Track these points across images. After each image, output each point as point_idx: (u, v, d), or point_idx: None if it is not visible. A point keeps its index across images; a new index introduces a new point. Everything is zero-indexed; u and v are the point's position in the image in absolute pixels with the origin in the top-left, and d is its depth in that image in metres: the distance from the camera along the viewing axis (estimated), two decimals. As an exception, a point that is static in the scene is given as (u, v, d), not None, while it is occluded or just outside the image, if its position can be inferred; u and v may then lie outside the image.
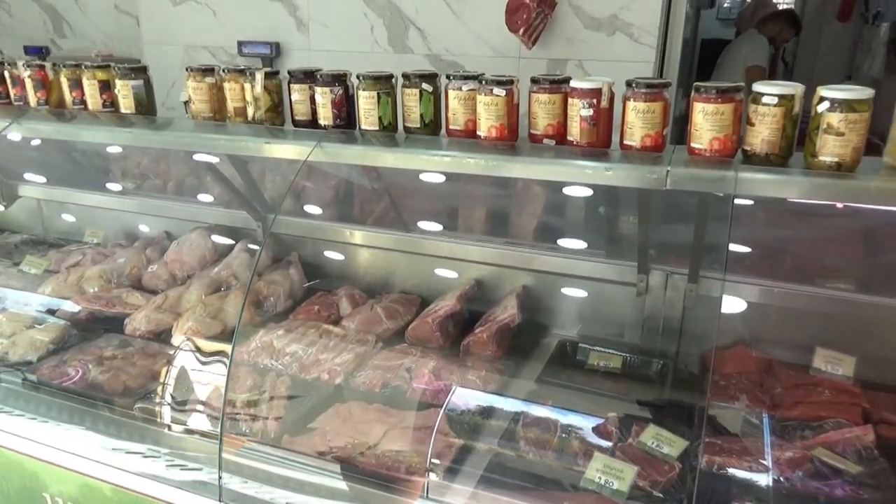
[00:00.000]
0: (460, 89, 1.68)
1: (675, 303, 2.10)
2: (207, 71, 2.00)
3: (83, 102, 2.19)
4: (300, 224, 2.75)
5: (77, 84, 2.17)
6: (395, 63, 4.10)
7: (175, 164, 3.12)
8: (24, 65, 2.23)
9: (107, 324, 2.42)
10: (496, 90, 1.59)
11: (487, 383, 1.99)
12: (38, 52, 6.57)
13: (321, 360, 2.15)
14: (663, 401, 1.95)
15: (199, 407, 1.93)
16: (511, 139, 1.66)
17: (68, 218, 3.27)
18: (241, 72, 1.95)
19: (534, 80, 1.62)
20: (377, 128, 1.77)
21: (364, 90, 1.75)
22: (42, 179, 3.18)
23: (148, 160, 3.20)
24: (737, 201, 1.46)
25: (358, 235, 2.65)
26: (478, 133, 1.68)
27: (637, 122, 1.48)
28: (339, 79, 1.81)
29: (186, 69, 2.00)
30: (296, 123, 1.95)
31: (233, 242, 2.78)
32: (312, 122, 1.93)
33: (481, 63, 3.86)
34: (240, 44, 4.42)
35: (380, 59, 4.13)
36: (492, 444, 1.73)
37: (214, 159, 2.50)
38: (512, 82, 1.61)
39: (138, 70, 2.09)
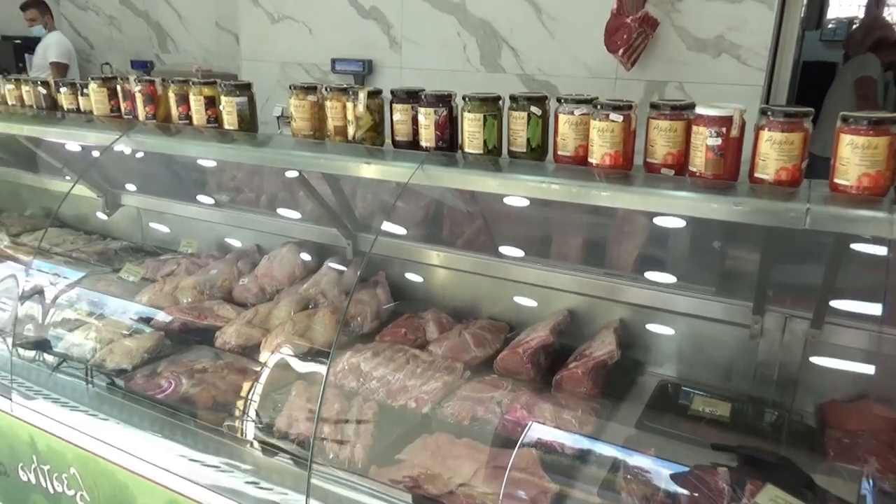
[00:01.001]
0: (572, 113, 1.59)
1: (793, 348, 1.92)
2: (310, 89, 1.99)
3: (189, 117, 2.23)
4: (388, 243, 2.72)
5: (184, 99, 2.21)
6: (486, 82, 4.05)
7: (268, 179, 3.16)
8: (135, 80, 2.30)
9: (198, 335, 2.44)
10: (612, 115, 1.50)
11: (584, 424, 1.87)
12: (143, 67, 6.93)
13: (409, 387, 2.09)
14: (779, 457, 1.78)
15: (287, 427, 1.90)
16: (625, 167, 1.56)
17: (165, 227, 3.37)
18: (344, 90, 1.93)
19: (654, 106, 1.51)
20: (481, 151, 1.70)
21: (470, 112, 1.69)
22: (143, 189, 3.28)
23: (243, 174, 3.25)
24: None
25: (446, 257, 2.59)
26: (589, 160, 1.58)
27: (772, 153, 1.35)
28: (443, 100, 1.75)
29: (290, 87, 2.00)
30: (396, 144, 1.91)
31: (320, 259, 2.78)
32: (413, 143, 1.88)
33: (575, 84, 3.76)
34: (333, 61, 4.49)
35: (471, 78, 4.10)
36: (590, 493, 1.61)
37: (308, 175, 2.51)
38: (630, 107, 1.51)
39: (243, 87, 2.11)
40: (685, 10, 3.42)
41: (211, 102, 2.15)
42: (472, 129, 1.69)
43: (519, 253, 2.48)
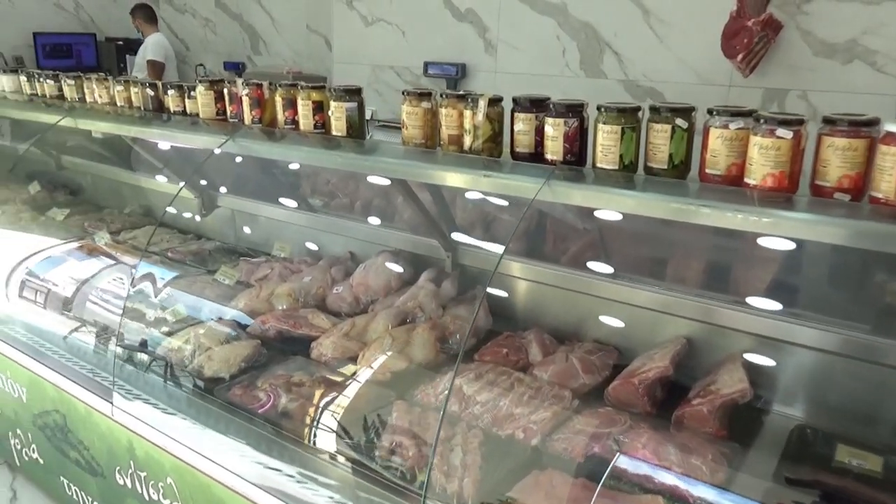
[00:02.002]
0: (726, 127, 1.41)
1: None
2: (424, 95, 1.88)
3: (295, 122, 2.17)
4: (486, 256, 2.59)
5: (291, 104, 2.15)
6: (586, 88, 3.87)
7: (364, 184, 3.08)
8: (242, 83, 2.25)
9: (293, 344, 2.38)
10: (780, 131, 1.31)
11: (715, 473, 1.68)
12: (235, 68, 7.07)
13: (515, 415, 1.95)
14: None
15: (390, 452, 1.80)
16: (790, 190, 1.37)
17: (258, 229, 3.35)
18: (462, 97, 1.81)
19: (828, 121, 1.32)
20: (616, 167, 1.55)
21: (605, 123, 1.54)
22: (237, 191, 3.28)
23: (337, 178, 3.20)
24: None
25: (549, 274, 2.43)
26: (746, 180, 1.40)
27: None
28: (574, 109, 1.61)
29: (403, 93, 1.89)
30: (515, 156, 1.77)
31: (415, 270, 2.68)
32: (535, 156, 1.74)
33: (684, 91, 3.53)
34: (426, 64, 4.41)
35: (569, 84, 3.93)
36: (730, 555, 1.43)
37: (410, 182, 2.41)
38: (801, 122, 1.32)
39: (352, 92, 2.03)
40: (813, 12, 3.15)
41: (319, 107, 2.08)
42: (607, 143, 1.54)
43: (632, 273, 2.30)
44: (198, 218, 3.40)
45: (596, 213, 2.25)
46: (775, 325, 1.99)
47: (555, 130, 1.62)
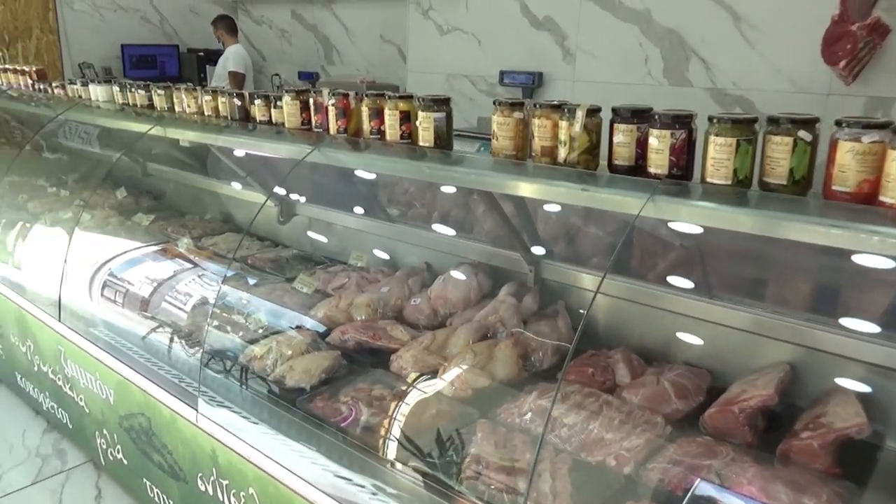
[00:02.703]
0: (858, 140, 1.29)
1: None
2: (516, 105, 1.82)
3: (381, 132, 2.15)
4: (569, 271, 2.50)
5: (377, 114, 2.13)
6: (669, 97, 3.73)
7: (442, 194, 3.05)
8: (329, 93, 2.25)
9: (372, 356, 2.36)
10: (925, 146, 1.19)
11: (832, 515, 1.54)
12: (309, 77, 7.21)
13: (606, 441, 1.85)
14: None
15: (476, 475, 1.73)
16: (934, 210, 1.24)
17: (334, 238, 3.36)
18: (556, 107, 1.74)
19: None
20: (729, 182, 1.45)
21: (718, 135, 1.44)
22: (315, 199, 3.30)
23: (415, 188, 3.17)
24: None
25: (636, 291, 2.32)
26: (881, 199, 1.28)
27: None
28: (681, 120, 1.52)
29: (494, 102, 1.84)
30: (614, 169, 1.69)
31: (495, 283, 2.62)
32: (634, 169, 1.65)
33: (777, 99, 3.35)
34: (501, 73, 4.36)
35: (651, 92, 3.80)
36: None
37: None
38: (950, 136, 1.19)
39: (441, 102, 1.99)
40: (925, 15, 2.93)
41: (406, 117, 2.05)
42: (719, 156, 1.44)
43: (728, 292, 2.17)
44: (276, 225, 3.44)
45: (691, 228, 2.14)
46: (890, 353, 1.84)
47: (660, 142, 1.53)
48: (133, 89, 3.27)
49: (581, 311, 2.50)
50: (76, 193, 3.95)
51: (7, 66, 4.44)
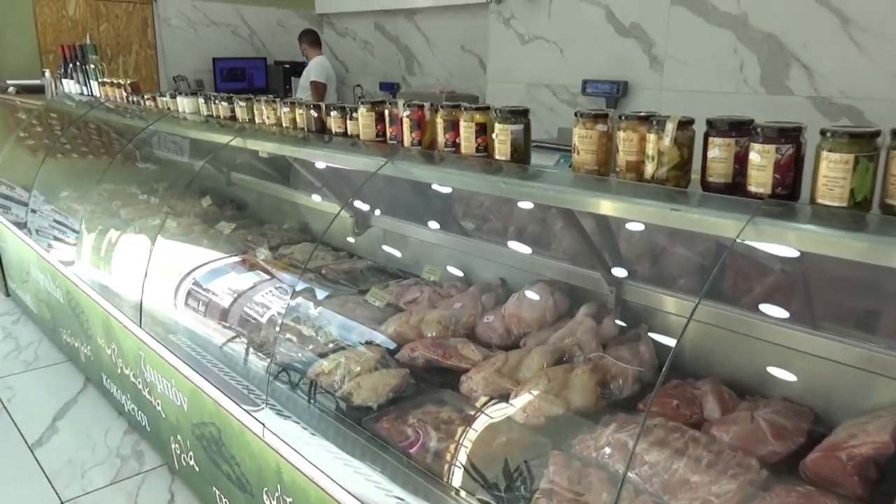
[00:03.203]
0: None
1: None
2: (599, 117, 1.70)
3: (455, 145, 2.07)
4: (653, 294, 2.34)
5: (453, 126, 2.05)
6: (767, 106, 3.49)
7: (519, 208, 2.95)
8: (404, 105, 2.19)
9: (441, 375, 2.28)
10: None
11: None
12: (390, 88, 7.27)
13: (692, 484, 1.69)
14: None
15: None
16: None
17: (407, 250, 3.32)
18: (644, 119, 1.61)
19: None
20: (845, 204, 1.27)
21: (832, 151, 1.27)
22: (389, 211, 3.26)
23: (491, 201, 3.08)
24: None
25: (727, 317, 2.14)
26: None
27: None
28: (788, 133, 1.35)
29: (576, 114, 1.72)
30: (707, 186, 1.54)
31: (572, 303, 2.49)
32: (730, 187, 1.50)
33: (890, 110, 3.06)
34: (584, 82, 4.21)
35: (747, 101, 3.56)
36: None
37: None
38: None
39: (518, 114, 1.89)
40: None
41: (482, 129, 1.96)
42: (833, 175, 1.27)
43: (835, 324, 1.96)
44: (350, 237, 3.43)
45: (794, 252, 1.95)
46: None
47: (762, 158, 1.37)
48: (217, 101, 3.34)
49: (665, 336, 2.34)
50: (164, 201, 4.09)
51: (105, 79, 4.68)
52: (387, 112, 2.34)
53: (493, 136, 1.92)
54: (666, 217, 1.48)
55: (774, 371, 2.08)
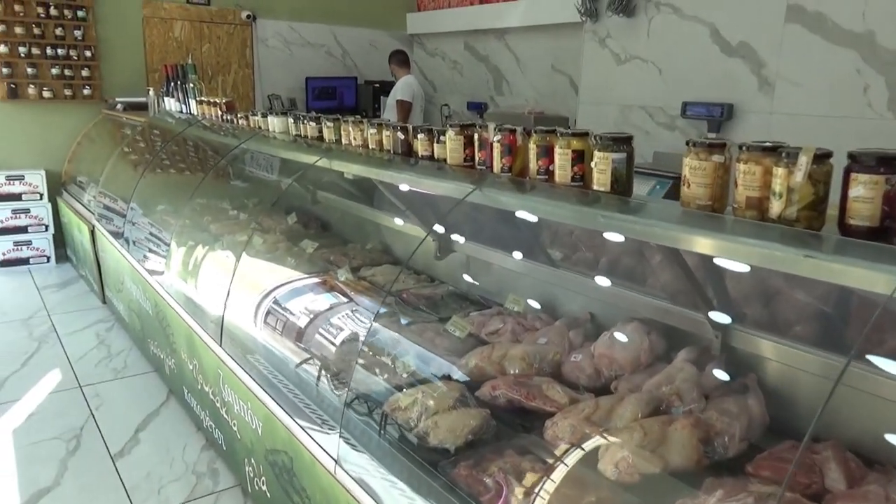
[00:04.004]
0: None
1: None
2: (715, 147, 1.52)
3: (549, 172, 1.93)
4: (763, 342, 2.10)
5: (546, 152, 1.91)
6: (894, 133, 3.15)
7: (611, 239, 2.76)
8: (495, 129, 2.07)
9: (524, 417, 2.12)
10: None
11: None
12: (478, 108, 7.19)
13: (816, 573, 1.46)
14: None
15: None
16: None
17: (490, 278, 3.18)
18: (770, 150, 1.41)
19: None
20: None
21: None
22: (473, 237, 3.14)
23: (581, 230, 2.91)
24: None
25: (852, 373, 1.86)
26: None
27: None
28: (958, 172, 1.13)
29: (688, 143, 1.54)
30: (847, 230, 1.32)
31: (670, 346, 2.27)
32: (876, 232, 1.28)
33: None
34: (684, 104, 3.96)
35: (872, 127, 3.23)
36: None
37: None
38: None
39: (621, 141, 1.72)
40: None
41: (580, 157, 1.81)
42: None
43: None
44: (432, 260, 3.33)
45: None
46: None
47: (923, 201, 1.15)
48: (305, 121, 3.34)
49: (775, 387, 2.09)
50: (252, 217, 4.14)
51: (203, 98, 4.82)
52: (476, 136, 2.22)
53: (592, 164, 1.76)
54: (797, 265, 1.28)
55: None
